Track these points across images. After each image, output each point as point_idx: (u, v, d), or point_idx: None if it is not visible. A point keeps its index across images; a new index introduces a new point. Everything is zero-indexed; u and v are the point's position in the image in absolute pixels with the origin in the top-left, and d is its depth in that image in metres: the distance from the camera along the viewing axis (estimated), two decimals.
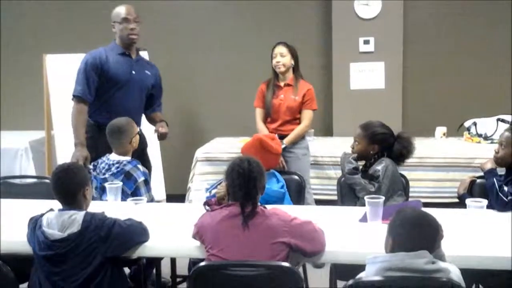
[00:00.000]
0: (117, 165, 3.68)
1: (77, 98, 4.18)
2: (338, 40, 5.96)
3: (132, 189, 3.61)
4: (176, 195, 5.33)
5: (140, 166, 3.73)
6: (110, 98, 4.20)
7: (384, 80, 5.92)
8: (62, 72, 5.27)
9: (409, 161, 3.77)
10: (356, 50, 5.90)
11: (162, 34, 6.43)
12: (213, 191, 3.53)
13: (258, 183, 2.70)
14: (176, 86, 6.44)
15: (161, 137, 4.36)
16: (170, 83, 6.28)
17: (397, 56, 5.91)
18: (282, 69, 4.60)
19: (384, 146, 3.64)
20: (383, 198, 3.03)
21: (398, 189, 3.56)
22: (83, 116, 4.15)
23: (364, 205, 3.05)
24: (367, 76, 5.92)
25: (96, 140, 4.15)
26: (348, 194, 3.65)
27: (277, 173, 3.67)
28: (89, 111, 4.20)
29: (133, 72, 4.26)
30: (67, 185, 2.80)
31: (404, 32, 5.92)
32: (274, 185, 3.53)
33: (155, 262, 3.49)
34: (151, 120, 4.51)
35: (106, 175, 3.65)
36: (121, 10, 4.23)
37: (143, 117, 4.50)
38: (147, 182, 3.71)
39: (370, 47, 5.88)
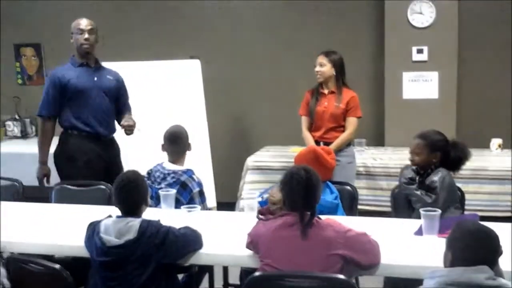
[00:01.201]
0: (172, 175, 3.70)
1: (40, 117, 4.47)
2: (391, 49, 5.90)
3: (187, 199, 3.62)
4: (226, 203, 5.35)
5: (195, 176, 3.74)
6: (80, 106, 4.36)
7: (437, 90, 5.83)
8: None
9: (463, 173, 3.70)
10: (409, 59, 5.83)
11: (213, 44, 6.49)
12: (265, 196, 3.54)
13: (317, 191, 2.69)
14: (226, 95, 6.50)
15: (127, 130, 4.43)
16: (221, 91, 6.37)
17: (452, 65, 5.81)
18: (321, 78, 4.63)
19: (443, 154, 3.56)
20: (439, 211, 2.97)
21: (455, 201, 3.49)
22: (46, 136, 4.43)
23: (419, 217, 3.00)
24: (420, 85, 5.84)
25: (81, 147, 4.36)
26: (402, 206, 3.60)
27: (330, 184, 3.64)
28: (65, 119, 4.39)
29: (95, 78, 4.43)
30: (132, 197, 2.85)
31: (459, 41, 5.82)
32: (327, 195, 3.50)
33: (207, 270, 3.50)
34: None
35: (162, 185, 3.67)
36: (78, 21, 4.43)
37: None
38: (201, 192, 3.73)
39: (424, 56, 5.80)
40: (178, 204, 3.52)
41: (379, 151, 5.70)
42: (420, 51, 5.81)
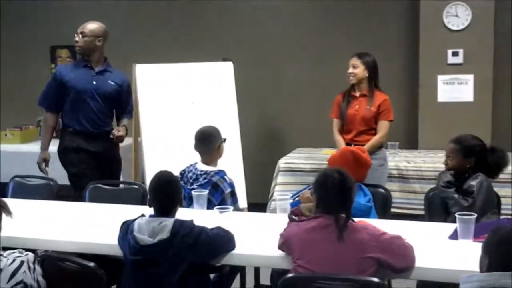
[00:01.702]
0: (204, 175, 3.71)
1: (43, 108, 4.68)
2: (426, 51, 5.86)
3: (219, 200, 3.63)
4: (257, 204, 5.35)
5: (226, 177, 3.75)
6: (75, 105, 4.48)
7: (472, 92, 5.76)
8: (151, 81, 5.41)
9: (498, 177, 3.64)
10: (444, 62, 5.78)
11: (246, 45, 6.51)
12: (297, 198, 3.52)
13: (351, 193, 2.67)
14: (259, 96, 6.51)
15: (117, 139, 4.52)
16: (253, 93, 6.38)
17: (487, 68, 5.74)
18: (354, 80, 4.61)
19: (479, 159, 3.51)
20: (475, 215, 2.93)
21: (492, 206, 3.43)
22: (48, 124, 4.63)
23: (455, 221, 2.96)
24: (455, 88, 5.78)
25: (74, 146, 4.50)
26: (436, 210, 3.55)
27: (363, 186, 3.61)
28: (63, 117, 4.60)
29: (94, 82, 4.51)
30: (167, 197, 2.87)
31: (495, 43, 5.73)
32: (361, 198, 3.47)
33: (239, 270, 3.51)
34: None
35: (194, 186, 3.68)
36: None
37: None
38: (233, 193, 3.73)
39: (459, 59, 5.75)
40: (209, 205, 3.53)
41: (412, 154, 5.64)
42: (455, 54, 5.76)
